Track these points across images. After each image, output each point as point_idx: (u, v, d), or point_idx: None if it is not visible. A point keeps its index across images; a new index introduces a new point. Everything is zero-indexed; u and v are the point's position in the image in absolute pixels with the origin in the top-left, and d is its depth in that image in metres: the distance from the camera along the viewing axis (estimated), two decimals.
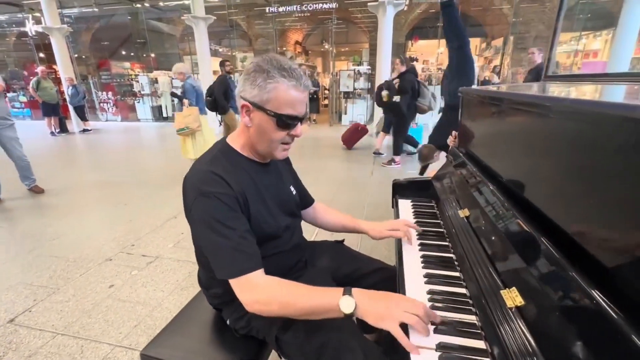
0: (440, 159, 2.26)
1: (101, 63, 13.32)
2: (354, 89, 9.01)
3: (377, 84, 7.11)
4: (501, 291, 0.60)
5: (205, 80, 7.84)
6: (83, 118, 8.55)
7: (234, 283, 0.75)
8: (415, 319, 0.63)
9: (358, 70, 8.94)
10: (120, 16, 12.40)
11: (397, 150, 4.63)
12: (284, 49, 10.92)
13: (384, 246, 2.27)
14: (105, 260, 2.26)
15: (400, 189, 1.44)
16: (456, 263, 0.89)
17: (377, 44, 6.70)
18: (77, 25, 12.02)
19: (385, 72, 6.84)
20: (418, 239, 1.04)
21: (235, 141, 0.87)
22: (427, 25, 11.66)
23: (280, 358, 0.92)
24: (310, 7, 8.63)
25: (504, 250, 0.71)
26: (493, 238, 0.77)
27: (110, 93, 11.07)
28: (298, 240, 1.01)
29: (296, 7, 8.94)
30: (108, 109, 11.13)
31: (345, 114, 9.41)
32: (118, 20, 12.58)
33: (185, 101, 4.21)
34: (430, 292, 0.77)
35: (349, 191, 3.64)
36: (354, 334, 0.78)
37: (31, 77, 8.41)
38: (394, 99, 4.38)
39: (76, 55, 11.02)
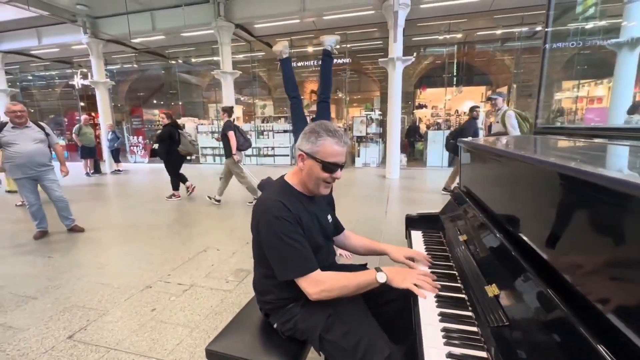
0: None
1: (133, 110, 14.64)
2: (367, 133, 9.54)
3: (388, 130, 7.61)
4: (485, 287, 0.83)
5: None
6: (117, 160, 9.29)
7: (304, 280, 1.02)
8: (423, 281, 1.03)
9: (370, 117, 9.53)
10: (154, 70, 13.88)
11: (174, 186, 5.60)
12: (302, 97, 11.82)
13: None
14: (145, 287, 2.51)
15: (414, 222, 1.69)
16: (458, 278, 1.11)
17: (388, 94, 7.28)
18: (116, 78, 13.51)
19: (396, 118, 7.35)
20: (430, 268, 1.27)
21: (291, 179, 1.18)
22: (434, 75, 12.51)
23: (320, 355, 1.13)
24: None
25: (493, 265, 0.95)
26: (486, 257, 1.01)
27: (140, 137, 12.02)
28: (332, 260, 1.27)
29: (313, 62, 9.89)
30: (137, 151, 12.01)
31: (359, 156, 9.87)
32: (152, 73, 14.05)
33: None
34: (437, 296, 1.00)
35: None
36: (382, 336, 1.00)
37: (70, 124, 9.38)
38: (154, 146, 5.28)
39: (112, 104, 12.28)
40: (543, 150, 1.29)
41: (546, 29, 2.01)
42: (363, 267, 1.40)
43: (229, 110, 5.01)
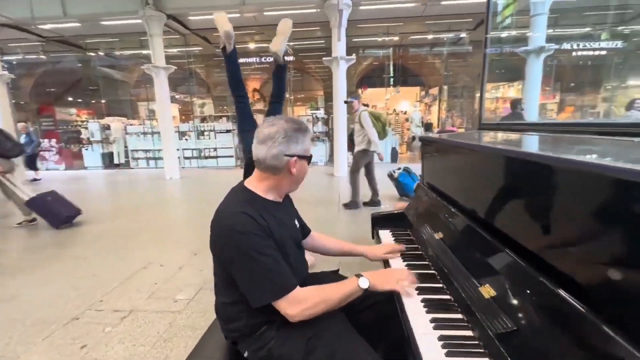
0: None
1: (42, 108, 12.51)
2: (313, 132, 9.55)
3: (334, 128, 7.70)
4: (479, 289, 0.81)
5: (167, 125, 7.81)
6: (34, 167, 7.82)
7: (282, 301, 0.89)
8: (405, 283, 0.99)
9: (316, 115, 9.56)
10: (69, 62, 12.04)
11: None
12: None
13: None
14: (70, 320, 2.09)
15: (379, 222, 1.65)
16: (436, 274, 1.09)
17: (333, 93, 7.36)
18: (17, 72, 11.38)
19: (342, 117, 7.46)
20: (403, 260, 1.23)
21: (255, 186, 1.03)
22: (374, 75, 13.06)
23: None
24: (270, 59, 9.29)
25: (477, 262, 0.93)
26: (467, 253, 0.99)
27: (53, 140, 10.34)
28: (306, 271, 1.15)
29: (255, 59, 9.55)
30: (49, 157, 10.31)
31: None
32: (65, 66, 12.16)
33: None
34: (423, 300, 0.95)
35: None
36: (369, 352, 0.91)
37: None
38: None
39: (13, 101, 10.29)
40: (502, 143, 1.35)
41: (486, 35, 2.14)
42: (336, 274, 1.31)
43: None
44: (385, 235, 1.55)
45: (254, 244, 0.90)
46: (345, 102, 5.25)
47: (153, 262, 2.95)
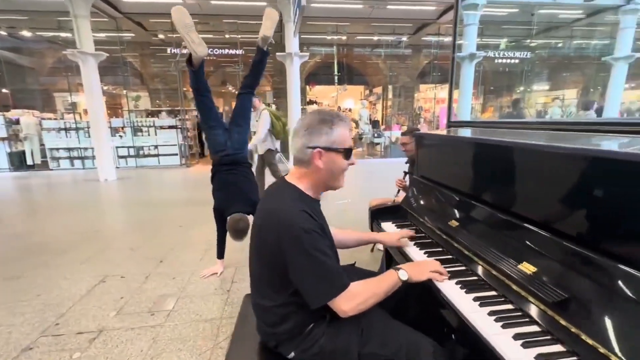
0: None
1: None
2: None
3: (289, 124, 7.64)
4: (519, 266, 0.91)
5: (100, 120, 6.91)
6: None
7: (339, 298, 0.88)
8: (436, 273, 1.05)
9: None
10: None
11: None
12: (184, 89, 10.55)
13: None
14: (22, 350, 1.75)
15: (379, 214, 1.72)
16: (454, 257, 1.19)
17: (287, 89, 7.30)
18: None
19: (296, 112, 7.44)
20: (420, 249, 1.31)
21: (299, 184, 1.00)
22: (321, 73, 13.25)
23: None
24: (217, 52, 8.80)
25: (476, 235, 1.04)
26: (465, 229, 1.10)
27: None
28: None
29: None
30: None
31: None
32: None
33: None
34: (458, 282, 1.04)
35: None
36: (418, 335, 0.97)
37: None
38: None
39: None
40: (485, 135, 1.51)
41: (454, 42, 2.32)
42: (354, 267, 1.34)
43: None
44: (388, 226, 1.62)
45: (316, 243, 0.88)
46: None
47: (110, 275, 2.62)
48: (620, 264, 0.72)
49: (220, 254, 2.62)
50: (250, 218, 2.42)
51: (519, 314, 0.87)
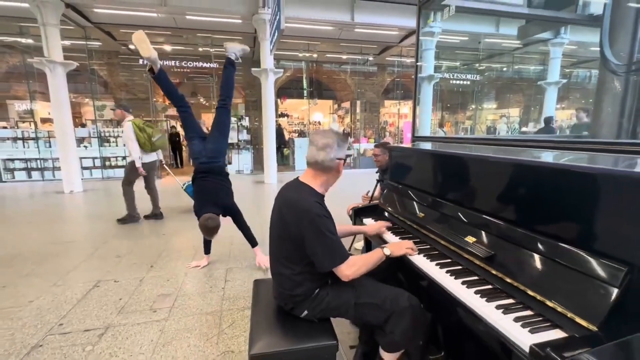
0: None
1: None
2: (239, 140, 9.49)
3: (264, 137, 7.91)
4: (466, 238, 1.31)
5: (67, 130, 6.69)
6: None
7: (343, 265, 1.21)
8: (409, 249, 1.37)
9: (241, 124, 9.53)
10: None
11: None
12: (154, 99, 10.41)
13: None
14: (32, 348, 1.86)
15: (361, 213, 2.09)
16: (420, 239, 1.58)
17: (262, 103, 7.59)
18: None
19: (271, 125, 7.74)
20: (396, 235, 1.69)
21: (312, 183, 1.33)
22: (291, 87, 13.70)
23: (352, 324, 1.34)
24: (191, 64, 8.90)
25: (432, 220, 1.45)
26: (425, 219, 1.50)
27: None
28: None
29: (174, 62, 8.99)
30: None
31: (230, 163, 9.67)
32: None
33: None
34: (425, 255, 1.42)
35: None
36: (396, 288, 1.33)
37: None
38: None
39: None
40: (447, 148, 1.95)
41: (417, 63, 2.79)
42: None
43: None
44: (369, 222, 1.98)
45: (327, 224, 1.22)
46: (112, 109, 4.96)
47: (103, 280, 2.71)
48: (530, 232, 1.12)
49: (206, 250, 2.98)
50: (227, 219, 2.79)
51: (466, 271, 1.26)
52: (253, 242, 2.91)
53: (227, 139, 2.94)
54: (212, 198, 2.66)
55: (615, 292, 0.81)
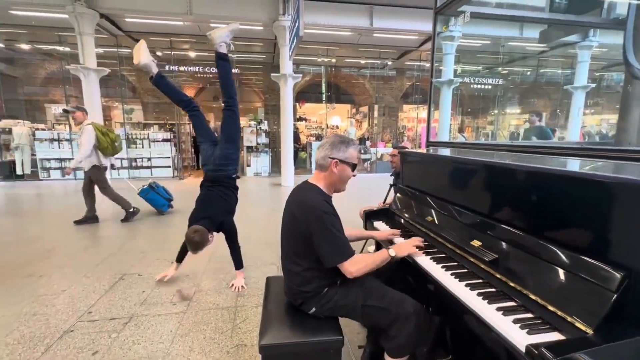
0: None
1: None
2: (257, 143, 9.71)
3: (282, 140, 8.07)
4: (472, 242, 1.33)
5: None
6: None
7: (348, 262, 1.26)
8: (415, 249, 1.42)
9: (260, 127, 9.76)
10: None
11: None
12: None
13: None
14: (64, 333, 2.02)
15: (372, 216, 2.13)
16: (429, 242, 1.61)
17: (281, 107, 7.76)
18: None
19: (289, 129, 7.89)
20: (405, 239, 1.73)
21: (319, 184, 1.40)
22: (310, 92, 13.87)
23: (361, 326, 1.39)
24: (214, 70, 9.21)
25: (442, 225, 1.47)
26: (445, 223, 1.53)
27: None
28: None
29: (198, 68, 9.36)
30: None
31: (249, 166, 9.91)
32: None
33: None
34: (431, 258, 1.45)
35: None
36: (403, 294, 1.37)
37: None
38: None
39: None
40: (463, 154, 1.97)
41: (432, 69, 2.80)
42: None
43: None
44: (379, 224, 2.03)
45: (333, 222, 1.28)
46: (65, 110, 4.55)
47: (128, 274, 2.88)
48: (536, 238, 1.14)
49: (179, 258, 2.70)
50: (220, 235, 2.56)
51: (471, 274, 1.28)
52: (239, 265, 2.67)
53: (237, 145, 2.58)
54: (210, 211, 2.43)
55: (613, 297, 0.82)
